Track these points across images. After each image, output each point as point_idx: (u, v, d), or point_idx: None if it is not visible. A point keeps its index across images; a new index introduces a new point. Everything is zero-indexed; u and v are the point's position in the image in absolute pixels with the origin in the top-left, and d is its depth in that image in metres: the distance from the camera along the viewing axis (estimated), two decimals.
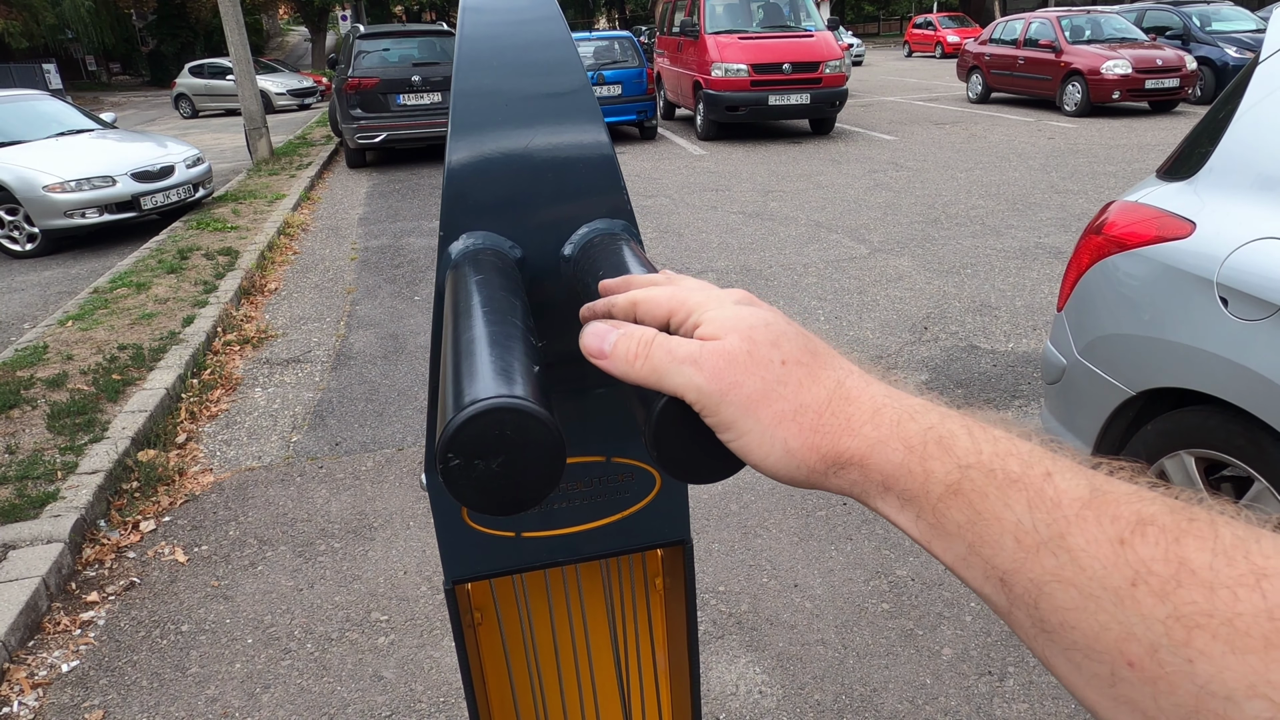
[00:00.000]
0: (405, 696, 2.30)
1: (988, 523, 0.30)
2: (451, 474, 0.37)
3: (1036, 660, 2.18)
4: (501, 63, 0.68)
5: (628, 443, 0.86)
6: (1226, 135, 2.22)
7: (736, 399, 0.37)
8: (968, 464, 0.32)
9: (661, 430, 0.39)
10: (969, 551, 0.31)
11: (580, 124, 0.68)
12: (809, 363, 0.38)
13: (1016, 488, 0.30)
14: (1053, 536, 0.28)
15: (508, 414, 0.37)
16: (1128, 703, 0.27)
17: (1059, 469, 0.30)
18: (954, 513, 0.31)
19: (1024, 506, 0.30)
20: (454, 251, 0.66)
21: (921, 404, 0.35)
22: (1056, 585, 0.28)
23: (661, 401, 0.39)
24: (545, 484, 0.39)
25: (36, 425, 3.76)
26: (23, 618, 2.54)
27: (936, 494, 0.32)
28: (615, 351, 0.41)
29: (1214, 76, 13.44)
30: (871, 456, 0.34)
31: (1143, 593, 0.26)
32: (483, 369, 0.41)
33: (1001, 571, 0.30)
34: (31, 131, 8.28)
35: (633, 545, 0.93)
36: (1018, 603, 0.30)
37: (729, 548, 2.87)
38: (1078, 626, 0.27)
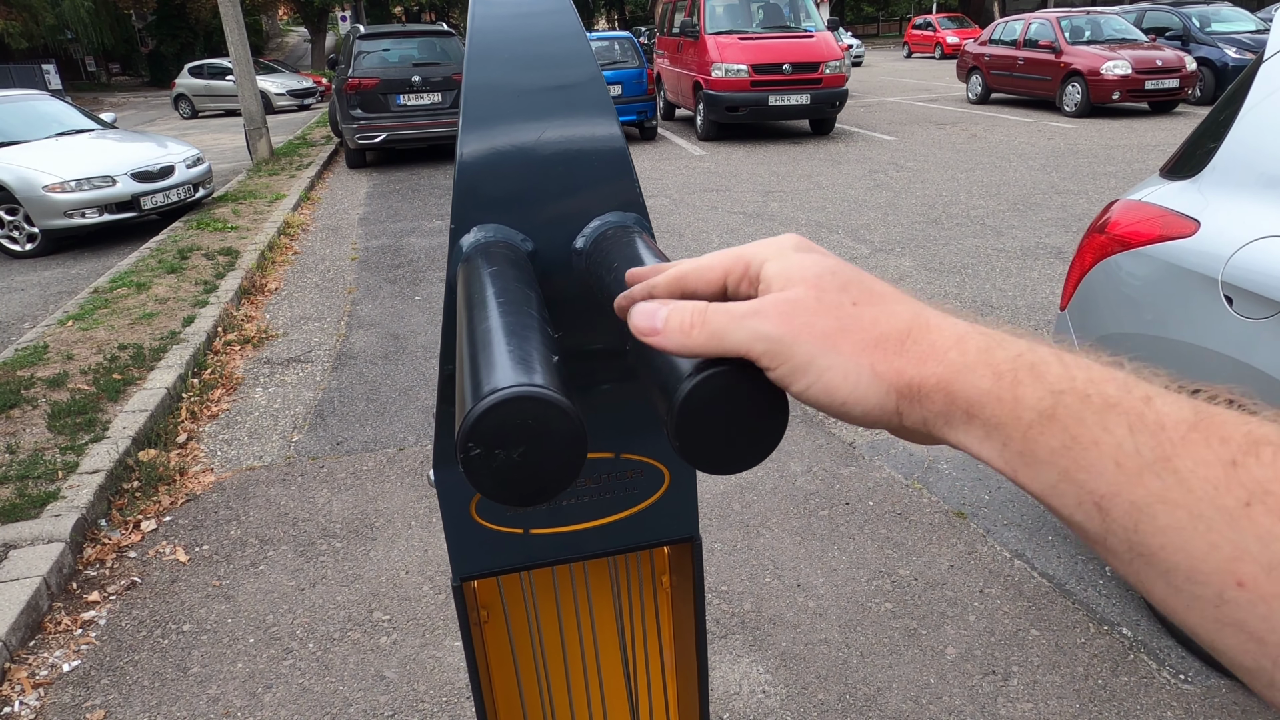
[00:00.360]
0: (408, 696, 2.30)
1: (1084, 447, 0.29)
2: (472, 464, 0.37)
3: (1040, 659, 2.17)
4: (512, 55, 0.68)
5: (636, 438, 0.86)
6: (1230, 134, 2.21)
7: (811, 337, 0.36)
8: (1061, 389, 0.31)
9: (684, 419, 0.38)
10: (1061, 478, 0.30)
11: (592, 116, 0.67)
12: (881, 301, 0.37)
13: (1116, 412, 0.29)
14: (1158, 459, 0.28)
15: (529, 403, 0.36)
16: (1235, 624, 0.26)
17: (1159, 394, 0.30)
18: (1047, 438, 0.31)
19: (1125, 430, 0.29)
20: (465, 244, 0.66)
21: (1007, 334, 0.34)
22: (1161, 507, 0.27)
23: (684, 390, 0.38)
24: (566, 474, 0.38)
25: (37, 425, 3.75)
26: (24, 617, 2.54)
27: (1027, 420, 0.31)
28: (668, 326, 0.39)
29: (1214, 77, 13.45)
30: (957, 382, 0.33)
31: (1259, 512, 0.25)
32: (501, 358, 0.40)
33: (1099, 496, 0.29)
34: (31, 131, 8.27)
35: (641, 542, 0.92)
36: (1114, 527, 0.29)
37: (731, 547, 2.87)
38: (1182, 548, 0.27)
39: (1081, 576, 2.64)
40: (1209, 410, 0.29)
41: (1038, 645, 2.36)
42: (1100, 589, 2.57)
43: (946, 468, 3.32)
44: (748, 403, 0.39)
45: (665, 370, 0.40)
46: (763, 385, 0.38)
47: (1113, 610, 2.48)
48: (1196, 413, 0.28)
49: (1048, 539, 2.83)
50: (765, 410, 0.39)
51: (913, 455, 3.43)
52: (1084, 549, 2.77)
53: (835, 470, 3.34)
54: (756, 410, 0.39)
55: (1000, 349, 0.33)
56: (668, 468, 0.89)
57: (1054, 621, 2.45)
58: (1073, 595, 2.55)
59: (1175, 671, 2.24)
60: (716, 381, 0.38)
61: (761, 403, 0.39)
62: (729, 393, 0.38)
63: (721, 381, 0.38)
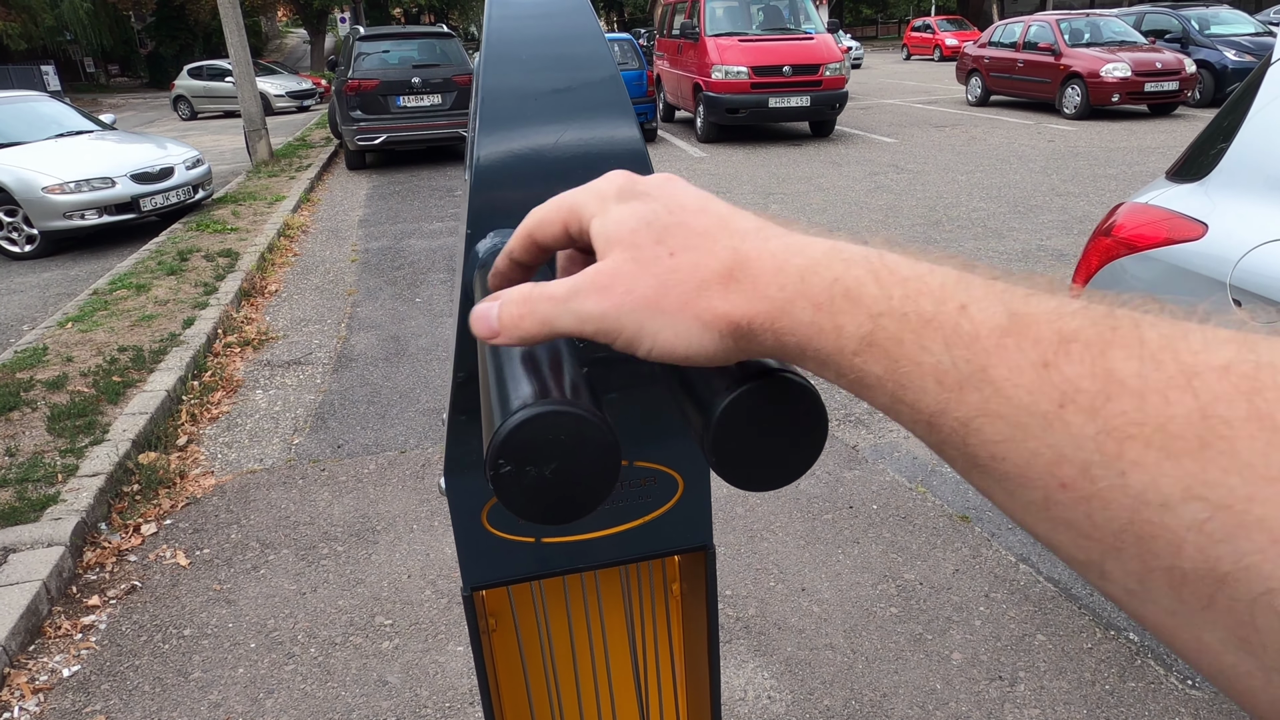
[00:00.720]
0: (410, 702, 2.28)
1: (906, 371, 0.29)
2: (502, 481, 0.35)
3: (1047, 665, 2.16)
4: (530, 56, 0.66)
5: (650, 445, 0.85)
6: (1238, 137, 2.20)
7: (633, 304, 0.35)
8: (878, 312, 0.30)
9: (721, 436, 0.37)
10: (892, 400, 0.30)
11: (611, 118, 0.66)
12: (699, 243, 0.35)
13: (931, 328, 0.29)
14: (974, 372, 0.27)
15: (561, 418, 0.35)
16: (1064, 524, 0.26)
17: (974, 298, 0.29)
18: (871, 366, 0.30)
19: (941, 346, 0.28)
20: (482, 250, 0.64)
21: (825, 252, 0.33)
22: (983, 420, 0.27)
23: (721, 406, 0.37)
24: (600, 489, 0.37)
25: (37, 427, 3.74)
26: (23, 622, 2.52)
27: (851, 349, 0.31)
28: (502, 323, 0.38)
29: (1213, 80, 13.46)
30: (781, 320, 0.32)
31: (1071, 413, 0.25)
32: (529, 372, 0.39)
33: (928, 415, 0.29)
34: (31, 133, 8.26)
35: (654, 550, 0.91)
36: (947, 442, 0.29)
37: (735, 551, 2.85)
38: (1008, 458, 0.27)
39: (1087, 581, 2.62)
40: (1023, 309, 0.28)
41: (1044, 650, 2.35)
42: None
43: (950, 471, 3.31)
44: (786, 417, 0.37)
45: (700, 383, 0.39)
46: (802, 396, 0.37)
47: (1119, 615, 2.47)
48: (1010, 316, 0.28)
49: None
50: (803, 424, 0.38)
51: (916, 458, 3.42)
52: None
53: (839, 474, 3.32)
54: (794, 424, 0.38)
55: (816, 275, 0.32)
56: (682, 475, 0.88)
57: (1060, 626, 2.44)
58: (1079, 600, 2.54)
59: (1183, 677, 2.23)
60: (753, 395, 0.37)
61: (799, 416, 0.37)
62: (767, 407, 0.37)
63: (759, 395, 0.36)
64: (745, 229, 0.36)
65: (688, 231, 0.36)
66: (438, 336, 5.02)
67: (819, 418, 0.38)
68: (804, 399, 0.37)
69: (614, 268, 0.36)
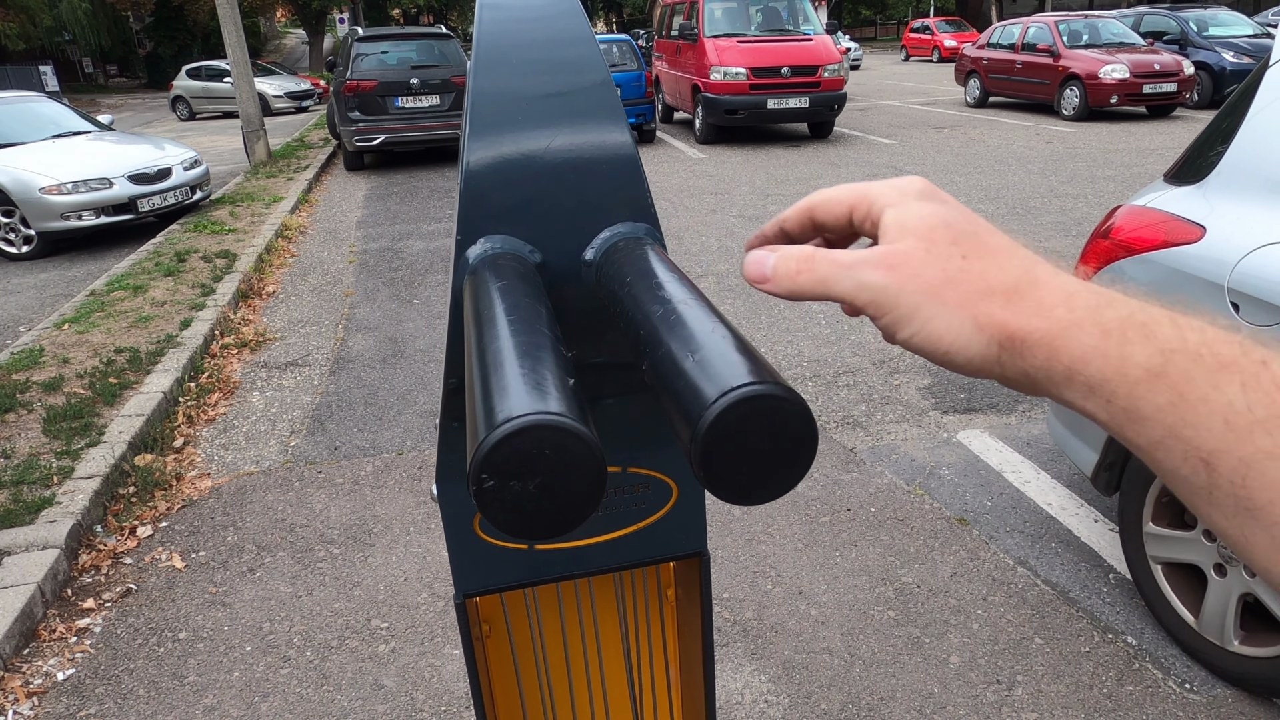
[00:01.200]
0: (406, 705, 2.27)
1: (1192, 404, 0.30)
2: (485, 496, 0.35)
3: (1045, 668, 2.14)
4: (520, 60, 0.66)
5: (644, 452, 0.84)
6: (1236, 139, 2.20)
7: (917, 287, 0.36)
8: (1172, 349, 0.31)
9: (710, 447, 0.36)
10: (1167, 434, 0.31)
11: (602, 124, 0.65)
12: (992, 255, 0.37)
13: (1228, 371, 0.30)
14: (1270, 416, 0.28)
15: (546, 431, 0.34)
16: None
17: (1275, 358, 0.30)
18: (1153, 395, 0.31)
19: (1237, 388, 0.29)
20: (472, 256, 0.64)
21: (1119, 294, 0.35)
22: (1271, 463, 0.28)
23: (709, 416, 0.36)
24: (585, 505, 0.36)
25: (32, 429, 3.73)
26: (18, 625, 2.51)
27: (1134, 377, 0.32)
28: (775, 272, 0.40)
29: (1211, 81, 13.46)
30: (1061, 338, 0.34)
31: None
32: (514, 383, 0.38)
33: (1205, 452, 0.30)
34: (28, 133, 8.24)
35: (649, 557, 0.90)
36: (1220, 482, 0.30)
37: (733, 554, 2.85)
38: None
39: (1085, 584, 2.62)
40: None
41: (1042, 654, 2.35)
42: (1104, 597, 2.56)
43: (948, 474, 3.30)
44: (775, 431, 0.37)
45: (687, 395, 0.38)
46: (790, 410, 0.36)
47: (1117, 618, 2.46)
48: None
49: (1050, 546, 2.81)
50: (793, 438, 0.37)
51: (914, 461, 3.41)
52: (1087, 556, 2.75)
53: (836, 476, 3.32)
54: (784, 438, 0.37)
55: (1110, 308, 0.34)
56: (676, 482, 0.87)
57: (1058, 630, 2.43)
58: (1076, 603, 2.54)
59: (1181, 681, 2.23)
60: (742, 408, 0.36)
61: (789, 430, 0.37)
62: (755, 420, 0.36)
63: (748, 408, 0.36)
64: (1037, 258, 0.38)
65: (982, 244, 0.37)
66: (435, 338, 5.01)
67: (808, 432, 0.37)
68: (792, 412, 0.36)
69: (905, 250, 0.37)
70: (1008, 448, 3.47)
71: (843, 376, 4.23)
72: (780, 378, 0.38)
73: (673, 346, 0.42)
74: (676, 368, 0.40)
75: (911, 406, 3.88)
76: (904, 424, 3.72)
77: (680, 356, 0.40)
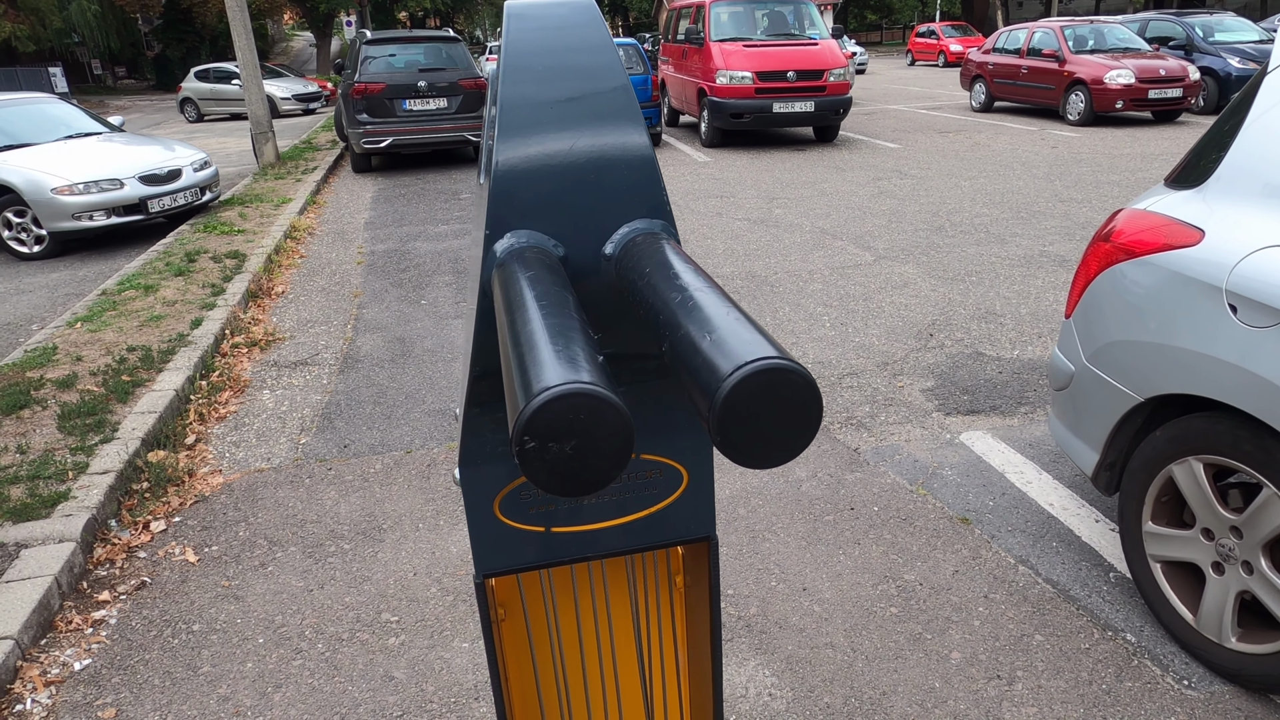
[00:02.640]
0: (416, 697, 2.32)
1: None
2: (527, 457, 0.39)
3: (1045, 664, 2.18)
4: (545, 67, 0.70)
5: (656, 439, 0.88)
6: (1235, 144, 2.24)
7: None
8: None
9: (727, 416, 0.41)
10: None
11: (621, 126, 0.70)
12: None
13: None
14: None
15: (581, 399, 0.39)
16: None
17: None
18: None
19: None
20: (499, 250, 0.68)
21: None
22: None
23: (726, 388, 0.40)
24: (614, 466, 0.41)
25: (47, 425, 3.78)
26: (35, 616, 2.56)
27: None
28: None
29: (1217, 87, 13.48)
30: None
31: None
32: (549, 357, 0.43)
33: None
34: (40, 134, 8.32)
35: (659, 540, 0.94)
36: None
37: (737, 551, 2.89)
38: None
39: (1085, 583, 2.65)
40: None
41: (1042, 651, 2.38)
42: (1104, 595, 2.59)
43: (951, 474, 3.34)
44: (784, 399, 0.41)
45: (705, 371, 0.42)
46: (797, 381, 0.40)
47: (1117, 616, 2.50)
48: None
49: (1051, 545, 2.85)
50: (800, 406, 0.41)
51: (917, 461, 3.44)
52: (1088, 555, 2.79)
53: (840, 476, 3.35)
54: (792, 406, 0.41)
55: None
56: (686, 468, 0.92)
57: (1058, 627, 2.47)
58: (1077, 601, 2.57)
59: (1179, 677, 2.26)
60: (755, 380, 0.40)
61: (797, 399, 0.41)
62: (767, 390, 0.40)
63: (760, 380, 0.40)
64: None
65: None
66: (443, 338, 5.06)
67: (814, 400, 0.41)
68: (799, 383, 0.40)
69: None
70: (1010, 449, 3.50)
71: (847, 378, 4.27)
72: (788, 353, 0.42)
73: (690, 329, 0.46)
74: (694, 347, 0.44)
75: (915, 408, 3.92)
76: (907, 425, 3.76)
77: (698, 337, 0.45)
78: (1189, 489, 2.23)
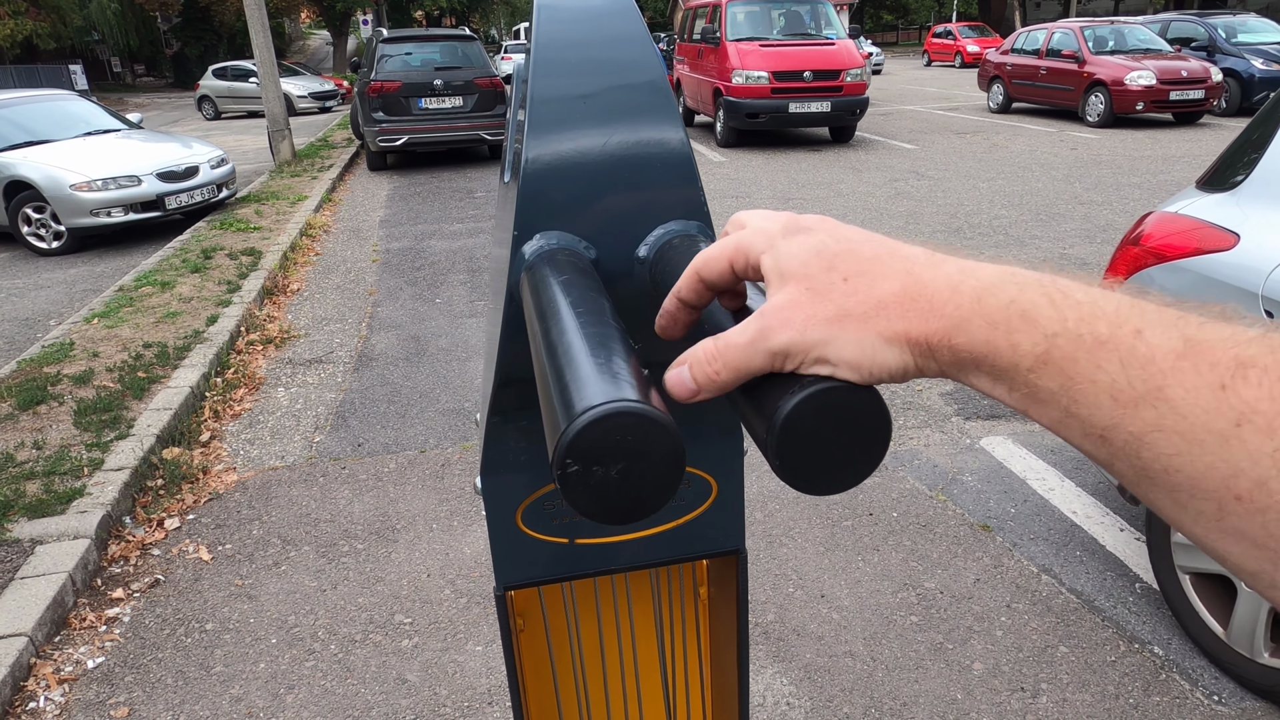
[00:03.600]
0: (429, 700, 2.29)
1: (1081, 387, 0.31)
2: (569, 481, 0.36)
3: (1070, 677, 2.13)
4: (577, 60, 0.67)
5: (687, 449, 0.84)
6: (1271, 147, 2.18)
7: (816, 326, 0.37)
8: (1053, 332, 0.32)
9: (787, 440, 0.37)
10: (1065, 415, 0.32)
11: (657, 122, 0.66)
12: (870, 268, 0.38)
13: (1107, 349, 0.31)
14: (1149, 390, 0.29)
15: (628, 418, 0.35)
16: (1235, 533, 0.28)
17: (1149, 324, 0.31)
18: (1045, 381, 0.32)
19: (1117, 366, 0.30)
20: (528, 252, 0.65)
21: (998, 275, 0.35)
22: (1158, 435, 0.29)
23: (784, 411, 0.37)
24: (664, 491, 0.37)
25: (64, 421, 3.79)
26: (49, 613, 2.55)
27: (1026, 365, 0.33)
28: (697, 381, 0.40)
29: (1240, 88, 13.30)
30: (957, 335, 0.35)
31: (1248, 432, 0.27)
32: (591, 373, 0.39)
33: (1100, 429, 0.31)
34: (60, 131, 8.37)
35: (687, 553, 0.91)
36: (1118, 455, 0.31)
37: (755, 556, 2.85)
38: (1181, 470, 0.29)
39: (1111, 593, 2.60)
40: (1199, 335, 0.30)
41: (1067, 662, 2.33)
42: (1130, 606, 2.54)
43: (971, 480, 3.29)
44: (847, 420, 0.37)
45: (762, 389, 0.39)
46: (865, 401, 0.37)
47: (1143, 628, 2.44)
48: (1186, 341, 0.30)
49: (1075, 554, 2.79)
50: (866, 427, 0.38)
51: (937, 467, 3.39)
52: (1113, 565, 2.73)
53: None
54: (856, 427, 0.38)
55: (992, 295, 0.34)
56: (716, 479, 0.88)
57: (1083, 638, 2.42)
58: (1102, 612, 2.52)
59: (1209, 693, 2.20)
60: (819, 400, 0.37)
61: (862, 420, 0.37)
62: (831, 411, 0.37)
63: (824, 400, 0.36)
64: (914, 255, 0.38)
65: (857, 258, 0.38)
66: (458, 337, 5.05)
67: (882, 420, 0.38)
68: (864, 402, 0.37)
69: (791, 299, 0.38)
70: (1031, 455, 3.44)
71: None
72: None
73: None
74: None
75: (934, 412, 3.87)
76: (926, 429, 3.71)
77: None
78: None
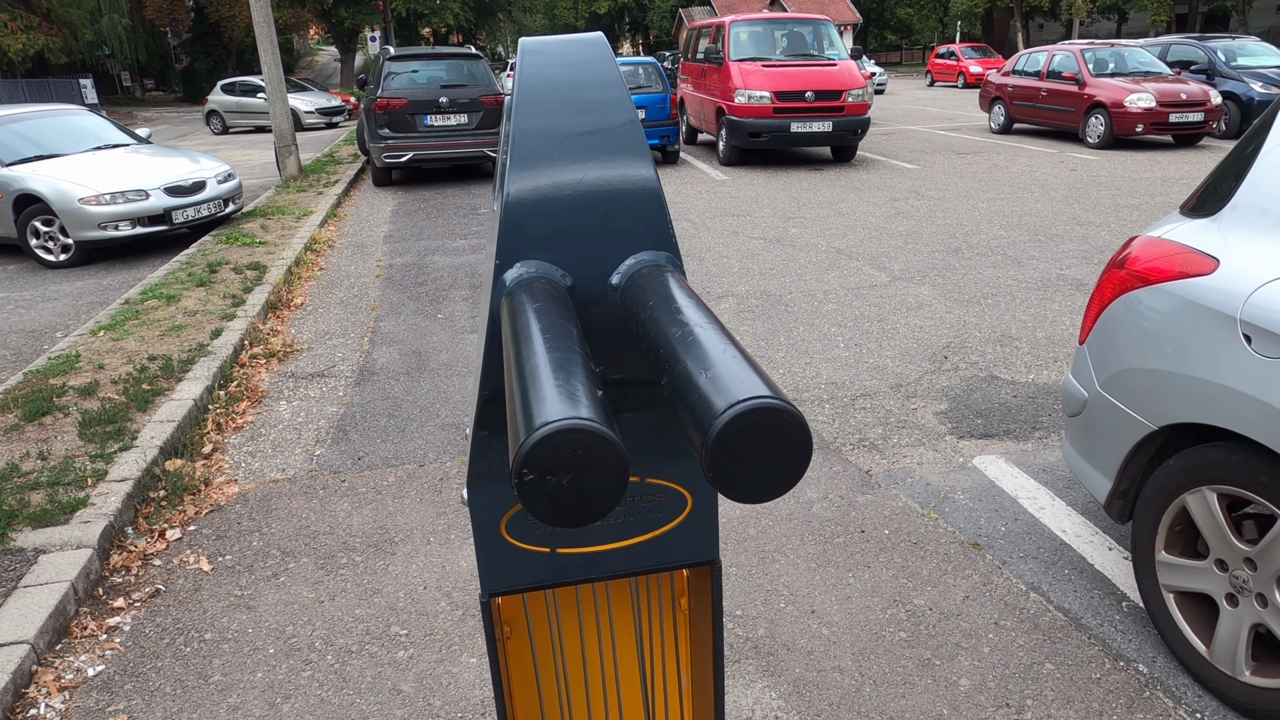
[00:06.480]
0: (424, 711, 2.33)
1: None
2: (526, 488, 0.41)
3: (1055, 693, 2.17)
4: (557, 101, 0.72)
5: (661, 463, 0.89)
6: (1250, 174, 2.23)
7: None
8: None
9: (719, 452, 0.42)
10: None
11: (629, 160, 0.72)
12: None
13: None
14: None
15: (578, 434, 0.40)
16: None
17: None
18: None
19: None
20: (509, 279, 0.70)
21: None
22: None
23: (718, 425, 0.42)
24: (609, 499, 0.42)
25: (68, 432, 3.84)
26: (51, 621, 2.59)
27: None
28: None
29: (1239, 111, 13.41)
30: None
31: None
32: (551, 392, 0.44)
33: None
34: (69, 145, 8.49)
35: (663, 563, 0.96)
36: None
37: (746, 572, 2.88)
38: None
39: (1098, 611, 2.63)
40: None
41: (1052, 679, 2.36)
42: (1116, 624, 2.56)
43: (963, 498, 3.32)
44: (775, 438, 0.42)
45: (700, 407, 0.44)
46: (788, 420, 0.42)
47: (1129, 646, 2.47)
48: None
49: (1064, 573, 2.82)
50: (791, 445, 0.42)
51: (929, 485, 3.43)
52: (1100, 583, 2.76)
53: (851, 498, 3.35)
54: (783, 444, 0.42)
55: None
56: (690, 492, 0.93)
57: (1069, 656, 2.44)
58: (1089, 630, 2.55)
59: (1192, 710, 2.23)
60: (747, 418, 0.41)
61: (788, 438, 0.42)
62: (758, 429, 0.42)
63: (752, 418, 0.41)
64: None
65: None
66: (459, 352, 5.10)
67: (804, 439, 0.42)
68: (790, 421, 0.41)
69: None
70: (1023, 474, 3.48)
71: (860, 399, 4.26)
72: (781, 393, 0.43)
73: (688, 364, 0.48)
74: (691, 383, 0.46)
75: (928, 431, 3.91)
76: (920, 448, 3.75)
77: (695, 373, 0.46)
78: (1202, 519, 2.22)
